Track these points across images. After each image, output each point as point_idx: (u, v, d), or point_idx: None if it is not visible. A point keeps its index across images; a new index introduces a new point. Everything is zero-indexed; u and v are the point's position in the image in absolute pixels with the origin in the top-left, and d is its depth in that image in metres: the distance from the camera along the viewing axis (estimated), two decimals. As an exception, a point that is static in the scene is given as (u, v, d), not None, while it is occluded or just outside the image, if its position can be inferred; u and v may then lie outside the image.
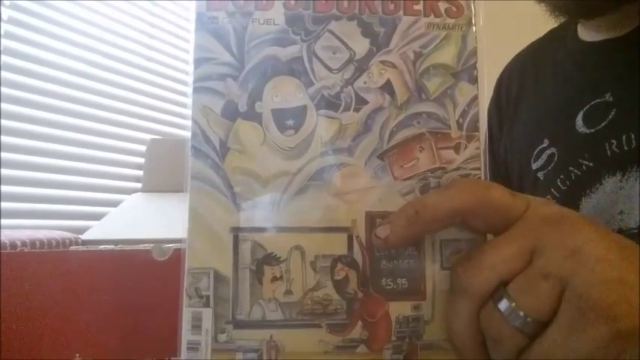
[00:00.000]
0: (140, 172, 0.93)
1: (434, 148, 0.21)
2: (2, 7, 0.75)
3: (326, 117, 0.21)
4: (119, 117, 0.94)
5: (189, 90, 0.20)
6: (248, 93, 0.20)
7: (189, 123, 0.20)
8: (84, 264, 0.23)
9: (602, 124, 0.40)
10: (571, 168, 0.41)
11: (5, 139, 0.74)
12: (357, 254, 0.20)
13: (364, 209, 0.20)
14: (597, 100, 0.41)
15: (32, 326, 0.22)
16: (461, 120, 0.21)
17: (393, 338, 0.20)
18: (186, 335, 0.19)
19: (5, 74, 0.75)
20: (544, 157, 0.45)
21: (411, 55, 0.21)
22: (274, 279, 0.20)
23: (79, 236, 0.38)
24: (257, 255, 0.20)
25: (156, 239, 0.34)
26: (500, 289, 0.18)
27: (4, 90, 0.74)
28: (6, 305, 0.21)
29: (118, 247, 0.24)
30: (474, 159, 0.21)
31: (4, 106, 0.74)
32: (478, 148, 0.21)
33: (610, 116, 0.39)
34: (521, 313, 0.17)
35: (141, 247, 0.23)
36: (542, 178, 0.44)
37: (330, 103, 0.21)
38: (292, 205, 0.20)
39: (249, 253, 0.20)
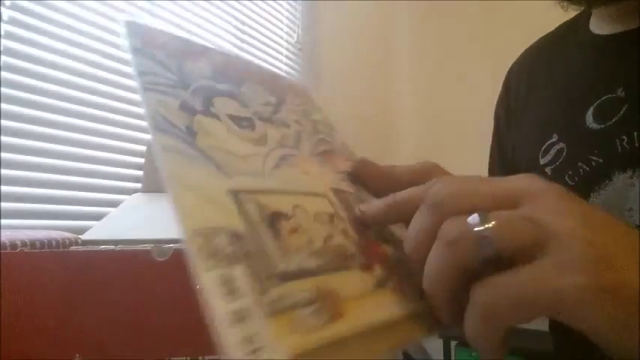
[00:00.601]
0: (140, 173, 0.93)
1: (337, 158, 0.29)
2: (2, 8, 0.75)
3: (269, 126, 0.26)
4: (119, 117, 0.94)
5: (138, 88, 0.21)
6: (201, 100, 0.23)
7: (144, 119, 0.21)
8: (84, 264, 0.23)
9: (613, 120, 0.39)
10: (580, 164, 0.40)
11: (5, 139, 0.74)
12: (341, 211, 0.24)
13: (328, 186, 0.25)
14: (609, 96, 0.40)
15: (32, 326, 0.22)
16: (340, 147, 0.31)
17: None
18: (221, 305, 0.14)
19: (5, 74, 0.75)
20: (552, 152, 0.44)
21: (301, 110, 0.31)
22: (292, 231, 0.19)
23: (79, 236, 0.38)
24: (265, 213, 0.19)
25: (156, 239, 0.33)
26: (479, 212, 0.19)
27: (4, 90, 0.74)
28: (6, 305, 0.21)
29: (118, 247, 0.24)
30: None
31: (4, 106, 0.74)
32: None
33: (621, 112, 0.39)
34: (491, 235, 0.18)
35: (141, 247, 0.23)
36: (549, 174, 0.43)
37: (267, 120, 0.26)
38: (275, 176, 0.22)
39: (256, 211, 0.19)
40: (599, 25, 0.44)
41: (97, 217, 0.83)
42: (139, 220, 0.44)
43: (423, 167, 0.26)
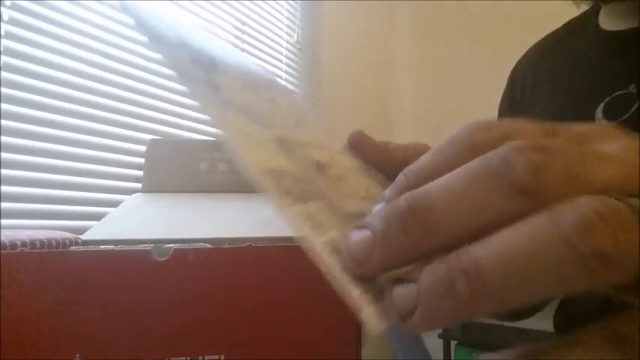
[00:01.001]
0: (140, 172, 0.93)
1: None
2: (2, 8, 0.75)
3: (272, 94, 0.25)
4: (119, 117, 0.94)
5: (148, 40, 0.20)
6: (207, 59, 0.22)
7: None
8: (84, 264, 0.23)
9: (625, 117, 0.39)
10: None
11: (5, 139, 0.74)
12: (363, 166, 0.23)
13: (340, 147, 0.24)
14: (620, 92, 0.40)
15: (32, 326, 0.22)
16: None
17: None
18: (315, 236, 0.14)
19: (5, 74, 0.75)
20: None
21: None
22: (339, 179, 0.19)
23: (79, 236, 0.38)
24: (311, 160, 0.19)
25: (156, 239, 0.33)
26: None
27: (4, 90, 0.74)
28: (6, 305, 0.21)
29: (118, 247, 0.24)
30: None
31: (4, 106, 0.74)
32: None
33: (633, 108, 0.38)
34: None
35: (141, 247, 0.23)
36: None
37: (267, 89, 0.25)
38: (300, 133, 0.21)
39: (305, 157, 0.18)
40: (609, 22, 0.44)
41: (97, 217, 0.83)
42: (139, 220, 0.44)
43: (415, 147, 0.24)
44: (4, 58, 0.75)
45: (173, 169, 0.59)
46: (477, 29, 1.99)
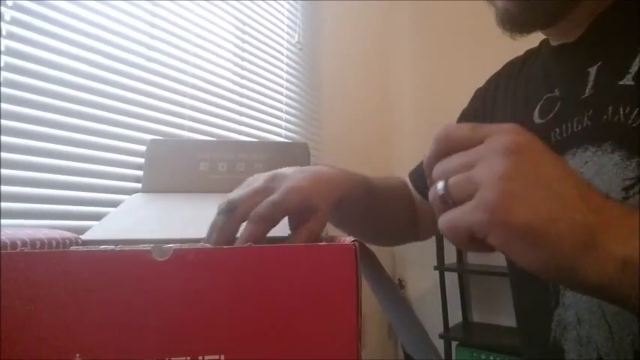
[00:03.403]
0: (140, 172, 0.93)
1: None
2: (3, 8, 0.75)
3: None
4: (119, 117, 0.94)
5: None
6: None
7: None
8: (84, 264, 0.23)
9: (550, 116, 0.47)
10: None
11: (5, 139, 0.74)
12: None
13: None
14: (549, 95, 0.48)
15: (32, 326, 0.22)
16: None
17: None
18: None
19: (6, 74, 0.75)
20: None
21: None
22: None
23: (79, 236, 0.38)
24: None
25: (156, 239, 0.33)
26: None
27: (5, 90, 0.74)
28: (6, 305, 0.21)
29: (118, 247, 0.24)
30: None
31: (4, 106, 0.74)
32: None
33: (556, 108, 0.46)
34: (445, 192, 0.28)
35: (141, 247, 0.23)
36: None
37: None
38: None
39: None
40: (555, 39, 0.53)
41: (97, 217, 0.83)
42: (139, 220, 0.44)
43: None
44: (5, 58, 0.75)
45: (173, 169, 0.59)
46: (477, 29, 1.99)
